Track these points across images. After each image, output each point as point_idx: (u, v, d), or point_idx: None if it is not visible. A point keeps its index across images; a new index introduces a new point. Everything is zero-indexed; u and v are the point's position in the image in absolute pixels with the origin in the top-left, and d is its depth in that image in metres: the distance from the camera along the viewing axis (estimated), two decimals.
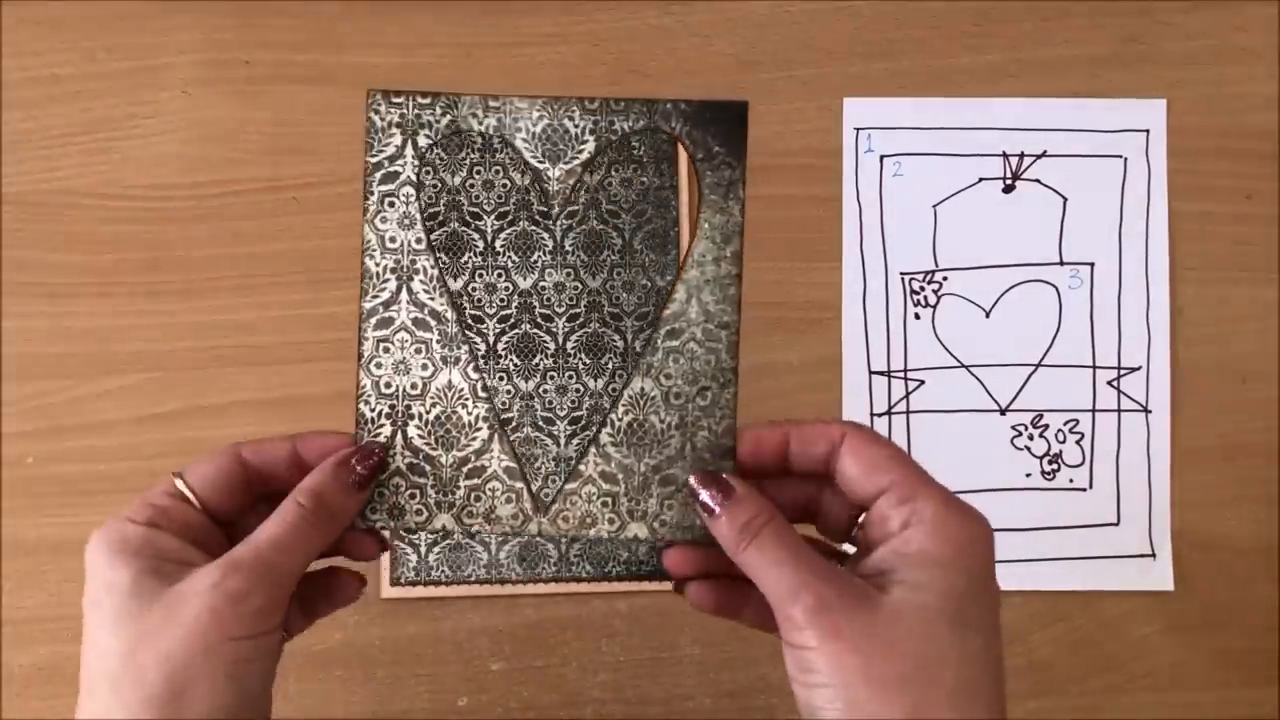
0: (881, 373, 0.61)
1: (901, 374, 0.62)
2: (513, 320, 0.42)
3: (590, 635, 0.59)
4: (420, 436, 0.41)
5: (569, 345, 0.42)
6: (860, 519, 0.38)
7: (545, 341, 0.42)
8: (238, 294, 0.61)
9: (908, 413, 0.61)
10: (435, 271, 0.41)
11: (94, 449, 0.60)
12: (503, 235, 0.43)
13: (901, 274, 0.62)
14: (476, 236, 0.42)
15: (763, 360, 0.61)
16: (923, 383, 0.61)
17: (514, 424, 0.41)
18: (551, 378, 0.41)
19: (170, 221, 0.61)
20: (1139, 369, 0.61)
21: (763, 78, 0.62)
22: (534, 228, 0.43)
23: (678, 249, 0.42)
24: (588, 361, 0.41)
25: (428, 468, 0.41)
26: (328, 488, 0.38)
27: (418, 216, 0.41)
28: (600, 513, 0.40)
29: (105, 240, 0.61)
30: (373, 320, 0.41)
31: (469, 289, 0.42)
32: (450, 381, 0.41)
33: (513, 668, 0.60)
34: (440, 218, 0.42)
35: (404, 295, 0.41)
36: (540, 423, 0.41)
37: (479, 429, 0.41)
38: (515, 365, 0.41)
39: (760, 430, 0.40)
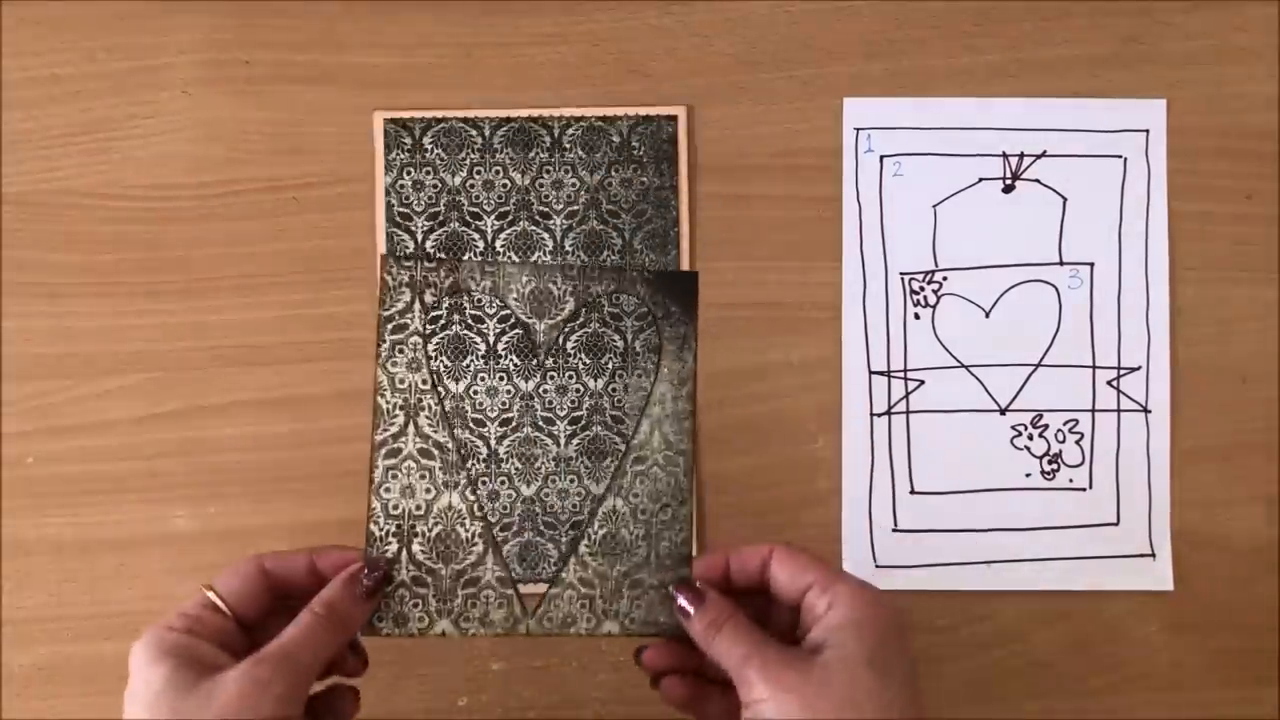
0: (881, 373, 0.61)
1: (901, 374, 0.62)
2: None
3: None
4: (423, 552, 0.47)
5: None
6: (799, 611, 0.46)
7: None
8: (238, 294, 0.61)
9: (907, 413, 0.61)
10: (439, 409, 0.48)
11: (94, 449, 0.60)
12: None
13: (901, 274, 0.62)
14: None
15: (763, 360, 0.61)
16: (922, 383, 0.61)
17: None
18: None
19: (170, 221, 0.61)
20: (1139, 369, 0.61)
21: (763, 78, 0.62)
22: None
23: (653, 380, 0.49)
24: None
25: (429, 579, 0.47)
26: (339, 598, 0.45)
27: (424, 361, 0.48)
28: (579, 613, 0.47)
29: (105, 240, 0.61)
30: (383, 451, 0.47)
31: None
32: (450, 503, 0.47)
33: (513, 668, 0.60)
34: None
35: (411, 429, 0.47)
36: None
37: (475, 544, 0.47)
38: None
39: (707, 558, 0.47)
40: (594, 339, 0.49)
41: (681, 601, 0.46)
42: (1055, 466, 0.61)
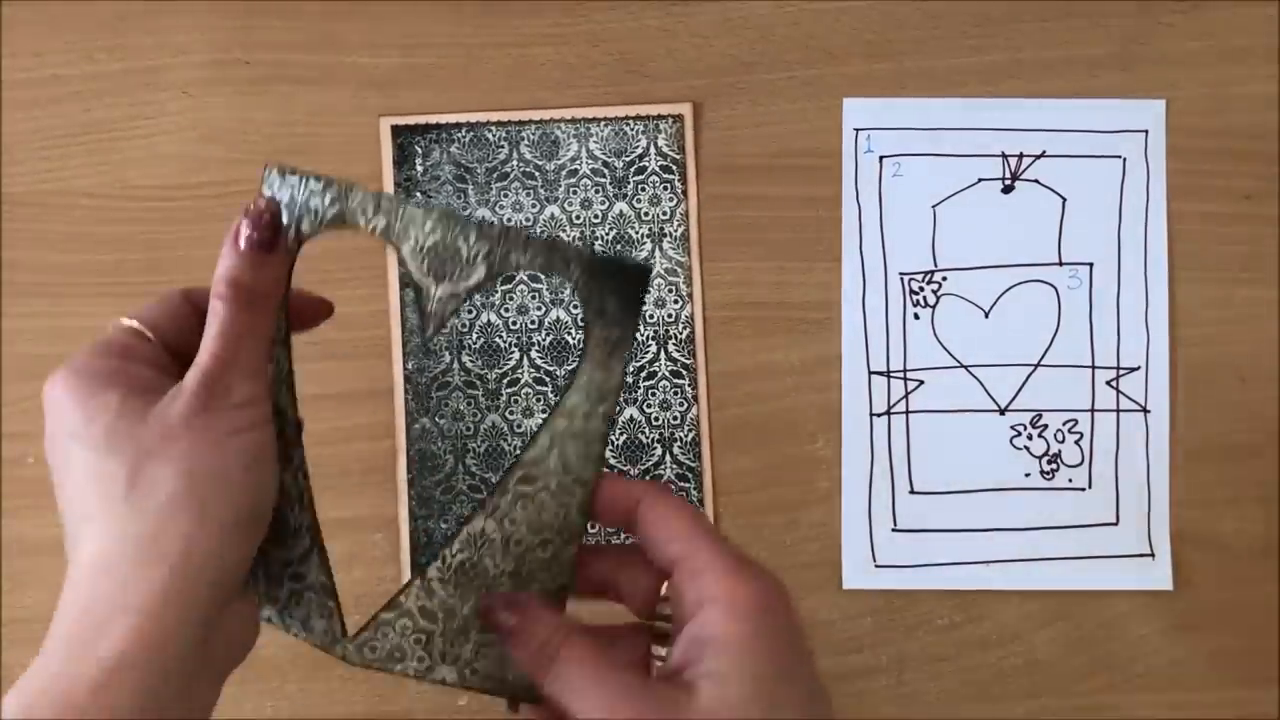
0: (881, 373, 0.61)
1: (901, 374, 0.62)
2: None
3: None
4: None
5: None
6: (663, 590, 0.36)
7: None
8: None
9: (907, 413, 0.61)
10: (285, 367, 0.39)
11: None
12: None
13: (901, 274, 0.62)
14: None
15: (763, 360, 0.61)
16: (922, 383, 0.61)
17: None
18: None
19: (170, 221, 0.61)
20: (1138, 369, 0.61)
21: (763, 78, 0.62)
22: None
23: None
24: None
25: (259, 558, 0.38)
26: (236, 266, 0.38)
27: (280, 312, 0.39)
28: (411, 649, 0.38)
29: (105, 240, 0.61)
30: None
31: None
32: (283, 484, 0.38)
33: None
34: None
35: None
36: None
37: (302, 538, 0.39)
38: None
39: None
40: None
41: (499, 615, 0.36)
42: (1055, 466, 0.61)
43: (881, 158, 0.62)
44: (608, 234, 0.61)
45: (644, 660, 0.37)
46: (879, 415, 0.61)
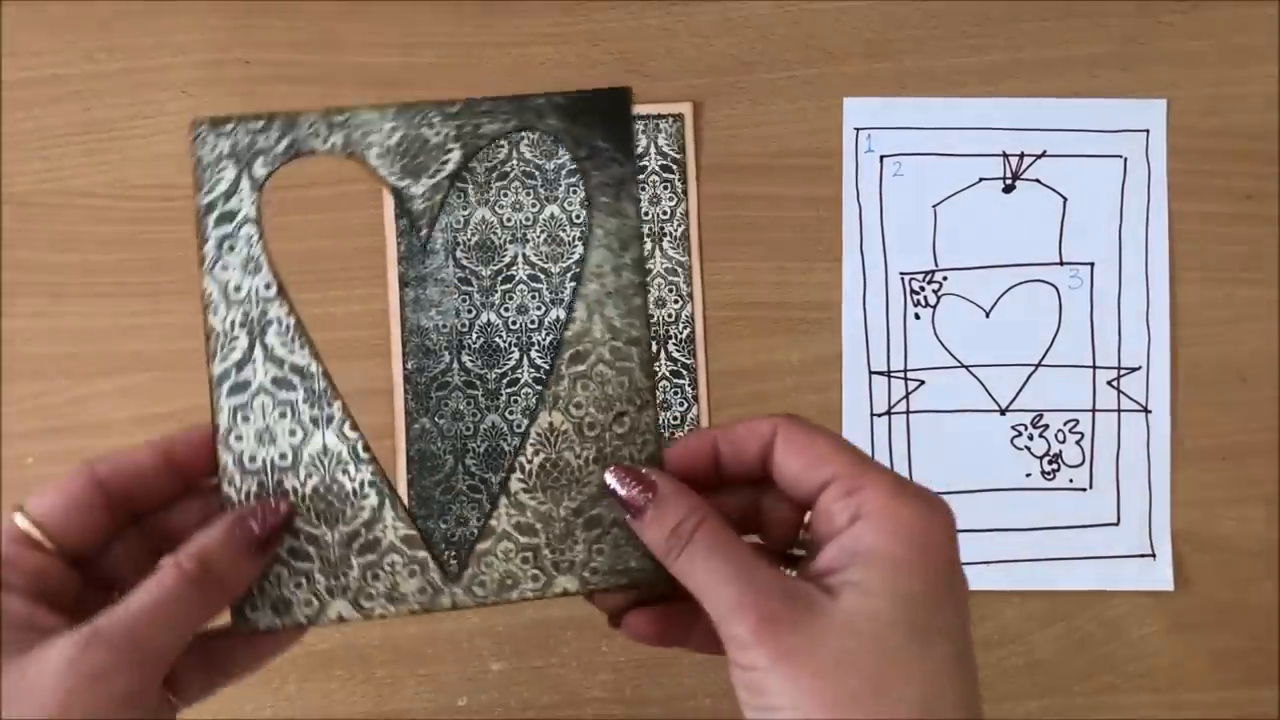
0: (881, 373, 0.61)
1: (901, 374, 0.62)
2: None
3: (590, 635, 0.59)
4: (298, 514, 0.35)
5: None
6: (806, 520, 0.34)
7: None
8: None
9: (908, 413, 0.61)
10: (292, 320, 0.36)
11: (94, 449, 0.60)
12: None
13: (901, 274, 0.62)
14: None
15: (763, 360, 0.61)
16: (923, 383, 0.61)
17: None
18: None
19: (170, 221, 0.61)
20: (1139, 369, 0.61)
21: (763, 78, 0.62)
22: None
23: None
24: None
25: (311, 549, 0.35)
26: (217, 550, 0.32)
27: (264, 259, 0.36)
28: (521, 570, 0.36)
29: (105, 240, 0.61)
30: (225, 386, 0.36)
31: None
32: (325, 445, 0.36)
33: (513, 668, 0.60)
34: None
35: (258, 352, 0.36)
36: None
37: (366, 495, 0.36)
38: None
39: (687, 441, 0.35)
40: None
41: (625, 493, 0.33)
42: (1055, 466, 0.61)
43: (882, 157, 0.62)
44: None
45: None
46: (879, 415, 0.61)
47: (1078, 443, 0.61)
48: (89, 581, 0.33)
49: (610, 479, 0.34)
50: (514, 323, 0.61)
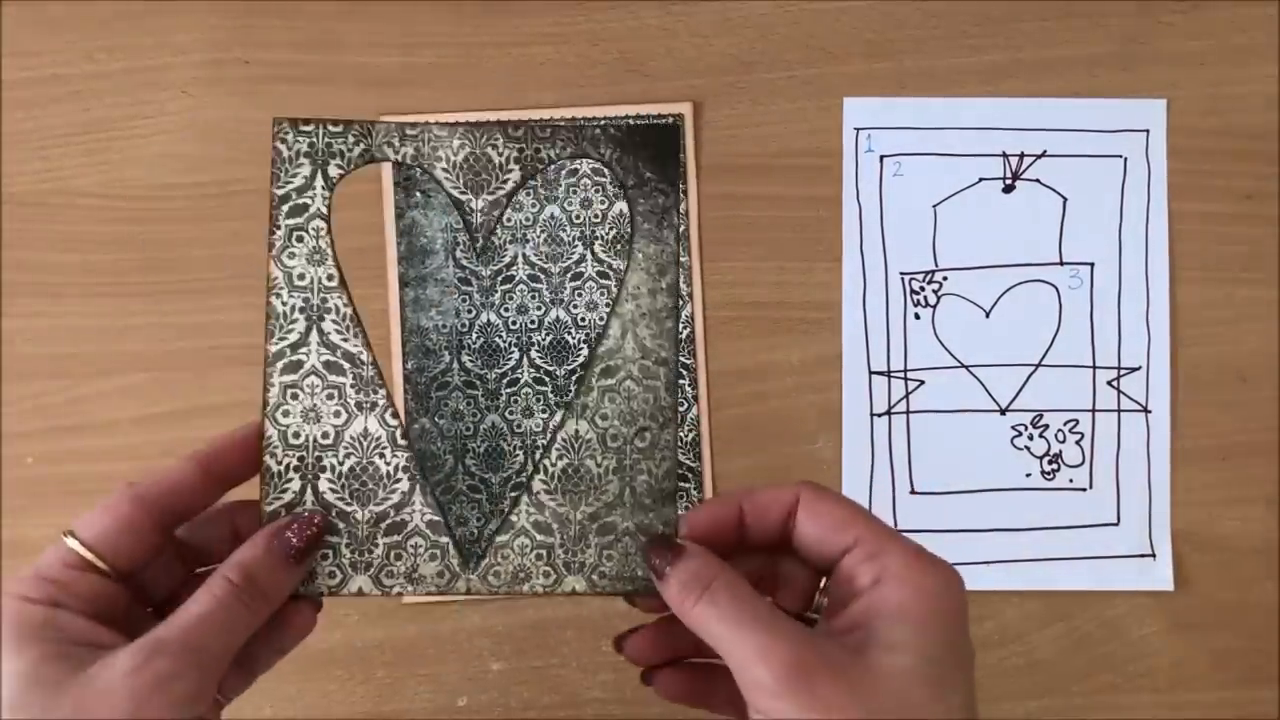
0: (881, 373, 0.61)
1: (901, 374, 0.62)
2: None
3: (590, 635, 0.59)
4: (333, 490, 0.38)
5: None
6: (823, 584, 0.36)
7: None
8: (238, 294, 0.61)
9: (908, 413, 0.61)
10: (349, 310, 0.39)
11: (94, 449, 0.60)
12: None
13: (901, 274, 0.62)
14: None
15: (763, 360, 0.61)
16: (923, 383, 0.61)
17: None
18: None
19: (170, 221, 0.61)
20: (1139, 369, 0.61)
21: (763, 78, 0.62)
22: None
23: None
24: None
25: (341, 525, 0.38)
26: (260, 562, 0.36)
27: (329, 252, 0.39)
28: (534, 566, 0.38)
29: (105, 240, 0.61)
30: (279, 364, 0.38)
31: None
32: (366, 429, 0.38)
33: (513, 668, 0.60)
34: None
35: (314, 337, 0.38)
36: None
37: (398, 480, 0.38)
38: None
39: (713, 506, 0.37)
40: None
41: (654, 560, 0.36)
42: (1055, 466, 0.61)
43: (882, 157, 0.62)
44: (608, 234, 0.61)
45: None
46: (879, 415, 0.61)
47: (1078, 443, 0.61)
48: (140, 594, 0.36)
49: (646, 550, 0.37)
50: (514, 323, 0.61)
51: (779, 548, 0.37)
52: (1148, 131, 0.62)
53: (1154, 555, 0.61)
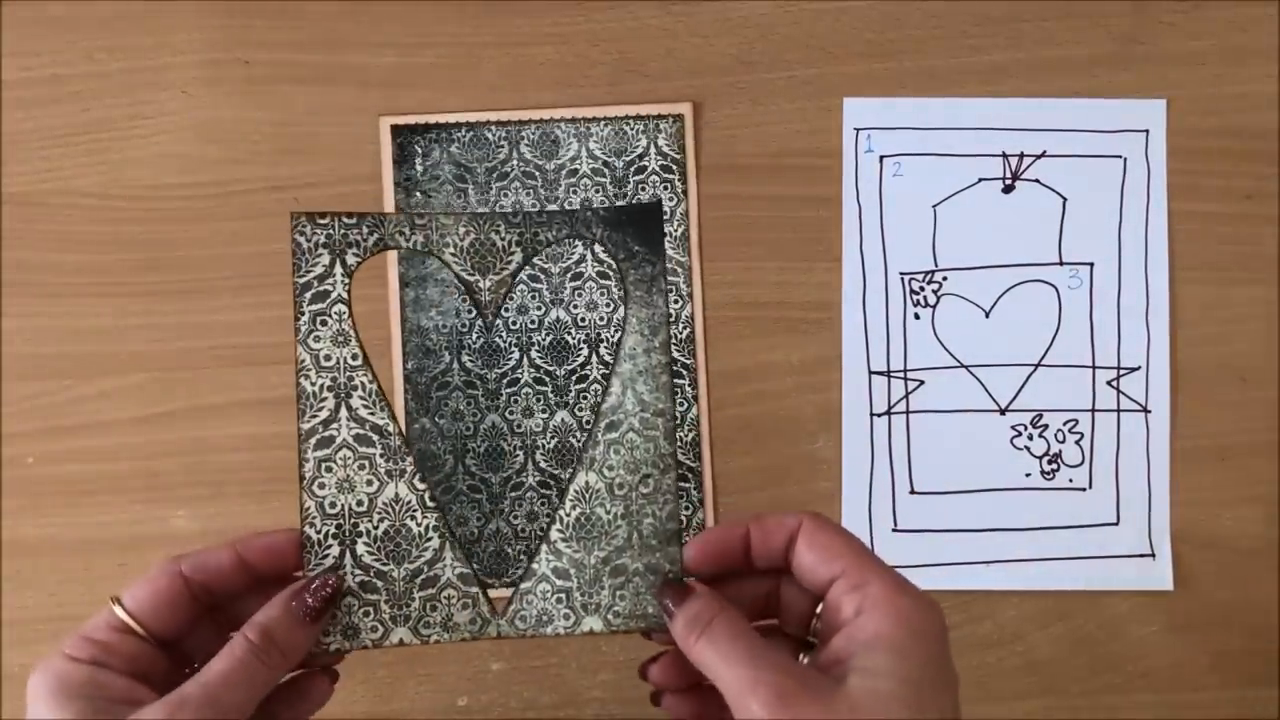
0: (881, 373, 0.61)
1: (901, 374, 0.62)
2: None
3: (590, 636, 0.59)
4: (370, 553, 0.41)
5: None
6: (818, 610, 0.39)
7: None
8: (238, 294, 0.61)
9: (907, 413, 0.61)
10: (374, 387, 0.42)
11: (94, 449, 0.60)
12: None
13: (901, 274, 0.62)
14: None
15: (763, 360, 0.61)
16: (923, 383, 0.61)
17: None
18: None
19: (170, 221, 0.61)
20: (1138, 369, 0.61)
21: (763, 78, 0.62)
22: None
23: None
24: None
25: (379, 583, 0.41)
26: (278, 622, 0.38)
27: (352, 334, 0.42)
28: (555, 609, 0.42)
29: (105, 240, 0.61)
30: (313, 440, 0.42)
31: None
32: (397, 495, 0.42)
33: (513, 668, 0.60)
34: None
35: (343, 413, 0.42)
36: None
37: (430, 539, 0.42)
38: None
39: (723, 530, 0.40)
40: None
41: (665, 603, 0.39)
42: (1055, 466, 0.61)
43: (882, 157, 0.62)
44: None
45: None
46: (879, 415, 0.61)
47: (1077, 443, 0.61)
48: (178, 660, 0.39)
49: (658, 595, 0.40)
50: (514, 323, 0.61)
51: (784, 572, 0.40)
52: (1147, 131, 0.62)
53: (1154, 555, 0.61)
